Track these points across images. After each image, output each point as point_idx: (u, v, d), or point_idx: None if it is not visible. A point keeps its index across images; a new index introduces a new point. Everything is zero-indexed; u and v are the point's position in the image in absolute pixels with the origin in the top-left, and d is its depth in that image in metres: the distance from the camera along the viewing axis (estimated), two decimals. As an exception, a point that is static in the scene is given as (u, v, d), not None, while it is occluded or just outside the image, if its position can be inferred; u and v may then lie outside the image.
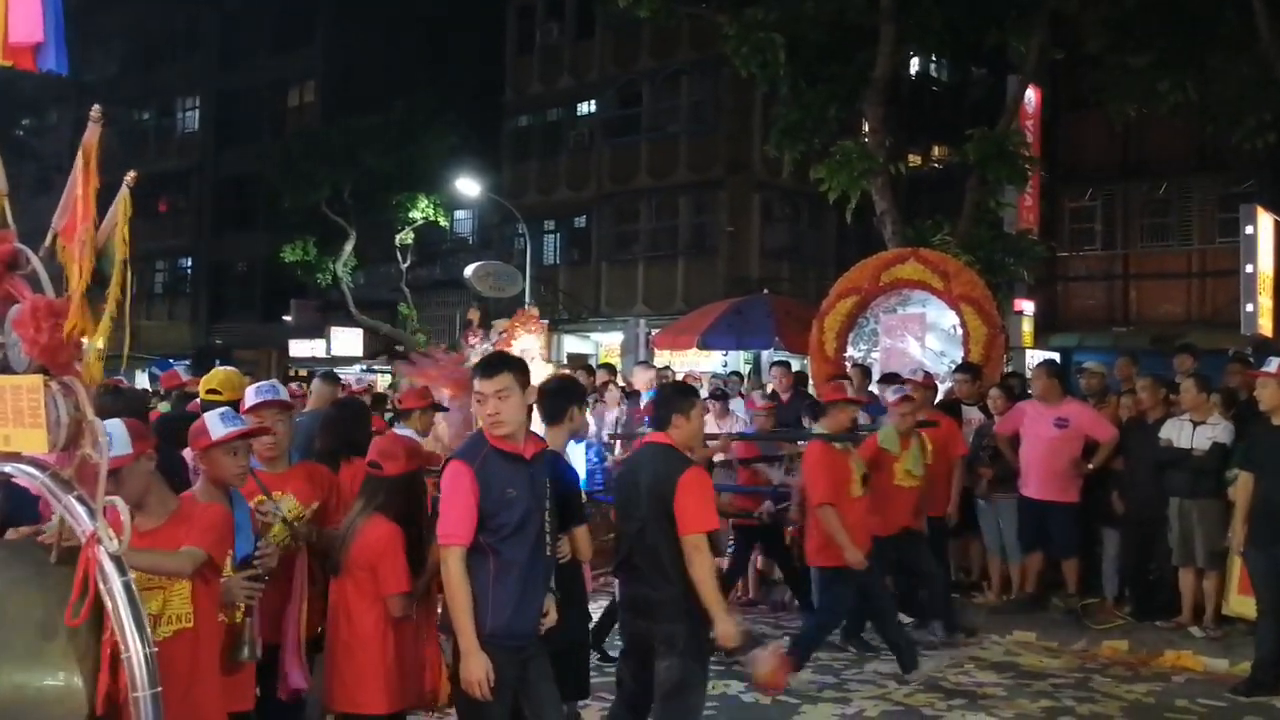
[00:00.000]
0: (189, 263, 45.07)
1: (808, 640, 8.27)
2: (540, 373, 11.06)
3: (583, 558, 5.75)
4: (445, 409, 9.22)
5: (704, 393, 13.09)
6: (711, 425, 12.11)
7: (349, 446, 5.85)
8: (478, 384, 4.71)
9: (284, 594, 4.96)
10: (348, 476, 5.57)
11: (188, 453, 4.88)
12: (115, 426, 4.02)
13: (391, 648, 4.80)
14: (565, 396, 5.82)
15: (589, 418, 9.47)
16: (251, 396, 5.42)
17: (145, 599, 3.92)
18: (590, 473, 10.42)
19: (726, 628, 5.21)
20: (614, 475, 5.72)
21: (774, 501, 10.01)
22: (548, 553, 4.90)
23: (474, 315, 12.20)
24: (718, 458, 10.37)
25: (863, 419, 9.94)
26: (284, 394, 5.56)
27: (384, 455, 4.97)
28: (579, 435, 6.47)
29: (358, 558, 4.79)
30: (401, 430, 8.09)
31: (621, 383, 14.43)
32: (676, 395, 5.74)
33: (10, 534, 4.05)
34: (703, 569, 5.14)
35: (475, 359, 11.24)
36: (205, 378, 7.44)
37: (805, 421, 10.39)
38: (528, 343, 11.20)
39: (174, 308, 45.08)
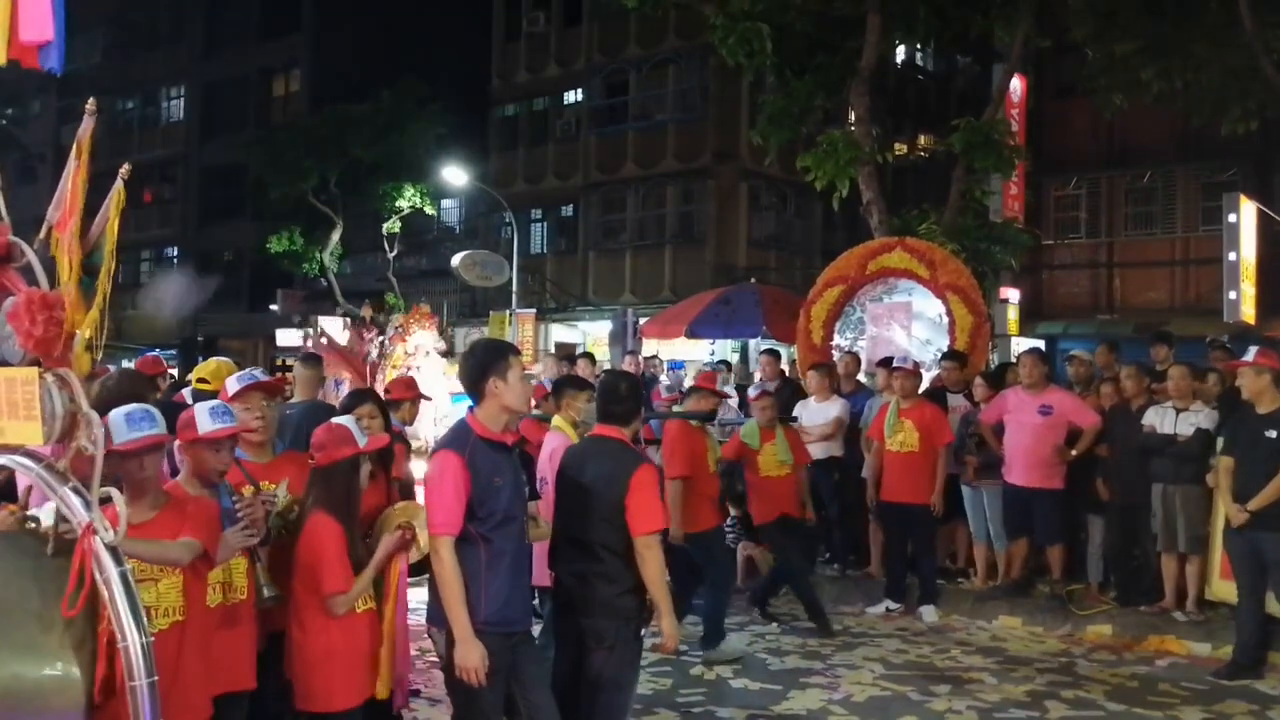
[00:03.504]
0: (174, 252, 44.79)
1: (711, 608, 8.61)
2: (434, 366, 11.54)
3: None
4: (429, 399, 9.29)
5: (690, 382, 13.18)
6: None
7: None
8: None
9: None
10: None
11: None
12: (154, 410, 4.16)
13: (337, 643, 4.72)
14: (637, 398, 5.61)
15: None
16: (234, 384, 5.32)
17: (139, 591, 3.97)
18: None
19: (671, 629, 5.05)
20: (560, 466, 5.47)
21: None
22: (527, 540, 4.92)
23: (367, 312, 12.98)
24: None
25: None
26: (264, 378, 5.53)
27: (315, 446, 4.91)
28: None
29: (301, 555, 4.74)
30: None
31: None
32: (634, 393, 5.56)
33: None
34: (654, 568, 5.00)
35: (373, 351, 11.78)
36: (197, 367, 7.47)
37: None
38: (421, 338, 11.81)
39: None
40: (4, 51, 3.72)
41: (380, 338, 12.00)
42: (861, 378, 12.24)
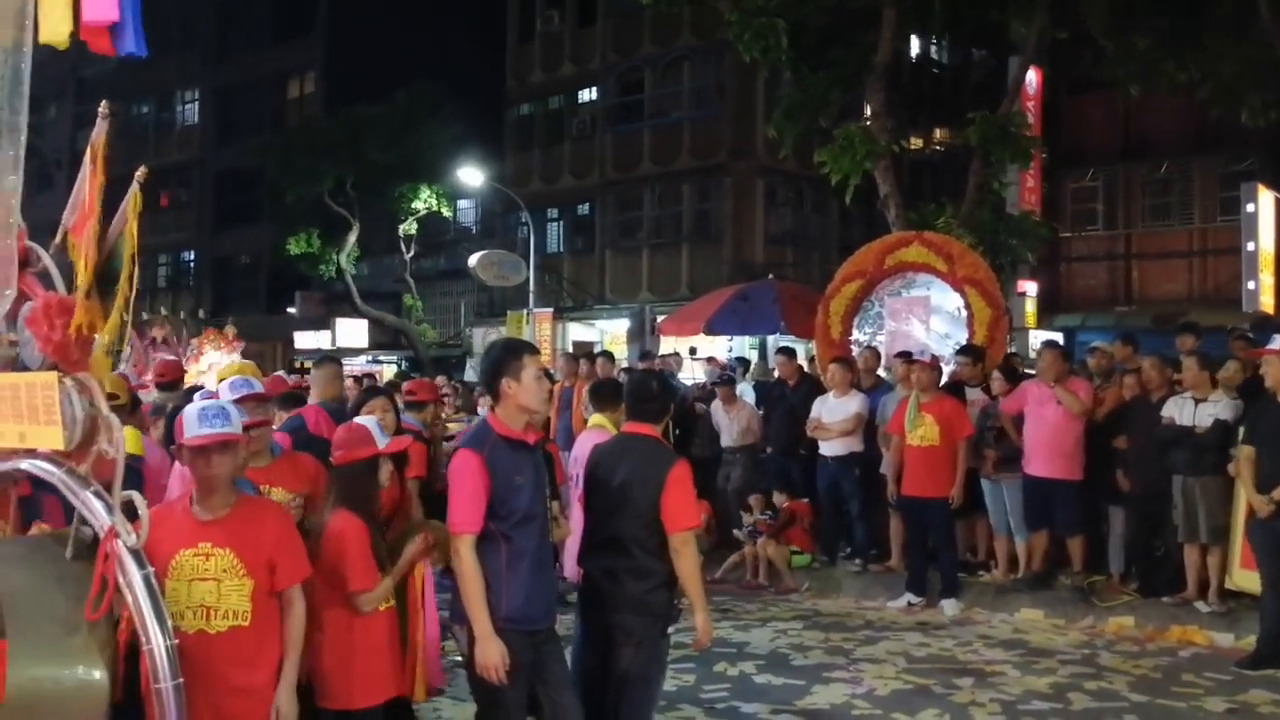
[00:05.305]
0: (191, 256, 45.02)
1: None
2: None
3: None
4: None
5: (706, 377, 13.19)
6: (719, 411, 12.23)
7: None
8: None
9: None
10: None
11: None
12: (233, 407, 4.19)
13: (357, 642, 4.69)
14: (668, 396, 5.63)
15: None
16: (227, 393, 5.39)
17: (194, 588, 3.94)
18: None
19: (706, 624, 5.08)
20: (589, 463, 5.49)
21: None
22: (550, 538, 4.93)
23: (159, 333, 13.88)
24: None
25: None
26: (259, 387, 5.59)
27: (336, 444, 4.92)
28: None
29: (323, 554, 4.69)
30: (409, 420, 8.12)
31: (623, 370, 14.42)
32: (664, 392, 5.55)
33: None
34: (690, 564, 5.03)
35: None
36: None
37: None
38: (214, 358, 12.46)
39: (177, 302, 44.97)
40: (66, 29, 3.67)
41: (167, 356, 12.31)
42: (881, 373, 12.22)
